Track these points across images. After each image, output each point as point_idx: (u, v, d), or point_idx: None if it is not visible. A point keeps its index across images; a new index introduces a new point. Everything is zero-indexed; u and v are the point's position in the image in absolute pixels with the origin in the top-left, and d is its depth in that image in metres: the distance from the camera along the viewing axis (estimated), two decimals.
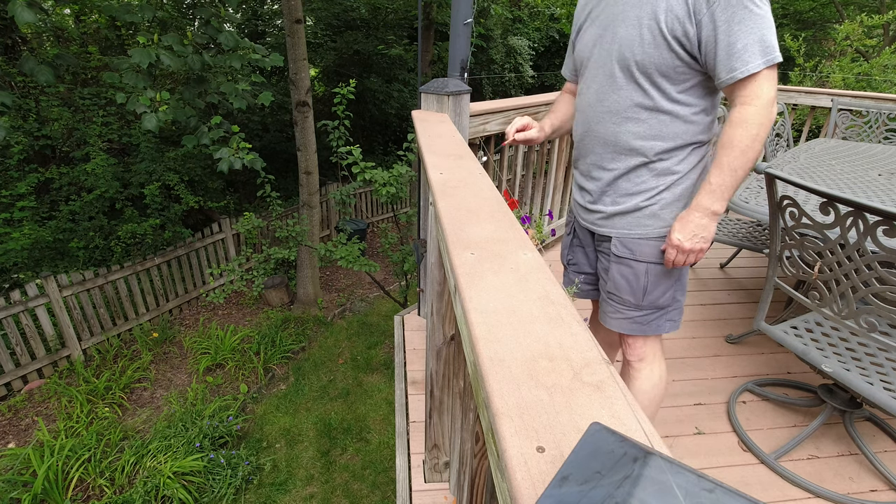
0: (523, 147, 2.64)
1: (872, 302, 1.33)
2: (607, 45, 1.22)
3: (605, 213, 1.33)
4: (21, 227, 5.55)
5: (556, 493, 0.32)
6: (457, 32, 2.05)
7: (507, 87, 11.85)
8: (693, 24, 1.07)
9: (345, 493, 4.05)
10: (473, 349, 0.54)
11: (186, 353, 5.56)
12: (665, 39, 1.11)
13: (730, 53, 1.05)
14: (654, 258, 1.29)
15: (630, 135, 1.23)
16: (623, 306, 1.36)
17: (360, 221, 8.03)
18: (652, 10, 1.11)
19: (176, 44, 3.85)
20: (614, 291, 1.36)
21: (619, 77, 1.20)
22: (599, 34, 1.24)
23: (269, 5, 10.19)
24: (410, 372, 2.25)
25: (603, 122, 1.26)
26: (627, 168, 1.26)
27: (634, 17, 1.14)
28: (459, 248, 0.77)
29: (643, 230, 1.29)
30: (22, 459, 3.84)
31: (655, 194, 1.26)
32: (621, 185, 1.28)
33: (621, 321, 1.38)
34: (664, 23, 1.10)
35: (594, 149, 1.31)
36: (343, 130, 4.69)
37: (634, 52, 1.16)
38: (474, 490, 0.93)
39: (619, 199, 1.30)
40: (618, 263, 1.33)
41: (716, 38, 1.06)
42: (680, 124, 1.19)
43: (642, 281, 1.31)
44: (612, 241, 1.33)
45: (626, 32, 1.16)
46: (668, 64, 1.13)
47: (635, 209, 1.28)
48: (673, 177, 1.24)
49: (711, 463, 1.71)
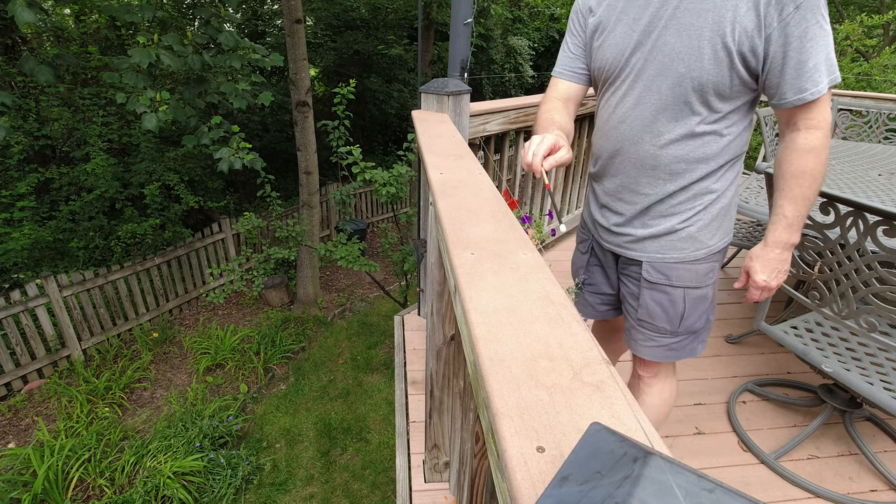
0: (523, 146, 2.63)
1: (872, 302, 1.33)
2: (653, 55, 1.06)
3: (636, 237, 1.22)
4: (21, 227, 5.55)
5: (556, 493, 0.32)
6: (457, 32, 2.05)
7: (507, 87, 11.85)
8: (762, 38, 0.96)
9: (345, 493, 4.05)
10: (473, 349, 0.54)
11: (186, 353, 5.56)
12: (729, 56, 0.98)
13: (800, 73, 0.96)
14: (691, 282, 1.20)
15: (673, 158, 1.11)
16: (657, 334, 1.26)
17: (360, 221, 8.03)
18: (716, 20, 0.97)
19: (176, 44, 3.85)
20: (647, 319, 1.26)
21: (665, 94, 1.07)
22: (639, 40, 1.08)
23: (269, 5, 10.19)
24: (410, 372, 2.25)
25: (641, 144, 1.13)
26: (666, 192, 1.15)
27: (691, 26, 1.00)
28: (459, 248, 0.77)
29: (679, 254, 1.19)
30: (22, 459, 3.84)
31: (693, 215, 1.16)
32: (655, 208, 1.18)
33: (655, 349, 1.28)
34: (731, 37, 0.97)
35: (627, 171, 1.18)
36: (343, 130, 4.69)
37: (691, 69, 1.02)
38: (474, 490, 0.93)
39: (651, 221, 1.19)
40: (651, 289, 1.23)
41: (785, 54, 0.96)
42: (723, 143, 1.10)
43: (679, 307, 1.22)
44: (643, 266, 1.23)
45: (680, 44, 1.02)
46: (726, 83, 1.02)
47: (670, 232, 1.18)
48: (711, 196, 1.14)
49: (711, 463, 1.71)
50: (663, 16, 1.03)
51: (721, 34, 0.97)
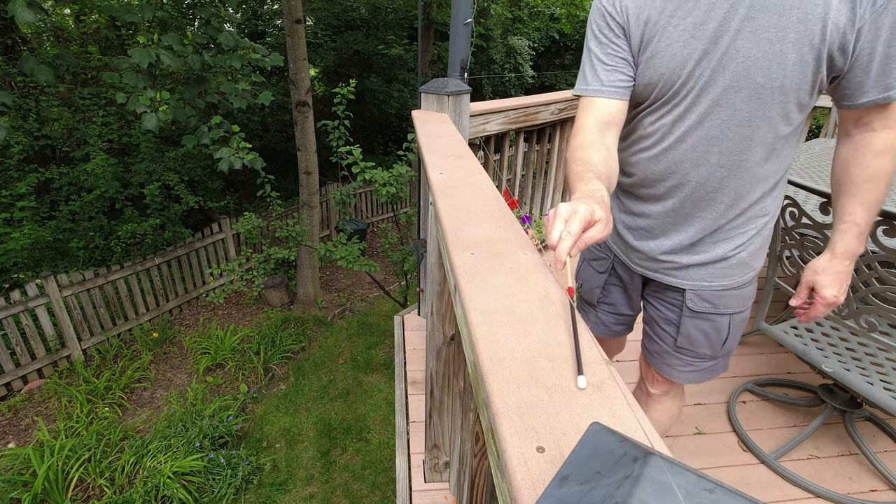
0: (523, 146, 2.64)
1: (872, 302, 1.33)
2: (721, 65, 0.91)
3: (680, 265, 1.11)
4: (21, 227, 5.55)
5: (556, 493, 0.32)
6: (457, 32, 2.05)
7: (507, 87, 11.85)
8: (854, 32, 0.84)
9: (345, 493, 4.05)
10: (473, 349, 0.54)
11: (186, 353, 5.56)
12: (817, 57, 0.86)
13: (888, 68, 0.86)
14: (738, 308, 1.12)
15: (740, 180, 0.98)
16: (696, 359, 1.19)
17: (360, 221, 8.03)
18: (802, 18, 0.85)
19: (176, 44, 3.85)
20: (688, 346, 1.18)
21: (740, 109, 0.93)
22: (705, 49, 0.91)
23: (269, 5, 10.19)
24: (410, 372, 2.25)
25: (704, 165, 0.99)
26: (723, 218, 1.03)
27: (772, 27, 0.86)
28: (459, 248, 0.77)
29: (728, 281, 1.09)
30: (22, 459, 3.84)
31: (747, 240, 1.05)
32: (708, 235, 1.06)
33: (692, 373, 1.22)
34: (820, 36, 0.85)
35: (681, 195, 1.05)
36: (343, 130, 4.69)
37: (773, 77, 0.88)
38: (474, 490, 0.93)
39: (700, 248, 1.08)
40: (694, 318, 1.14)
41: (873, 48, 0.84)
42: (783, 159, 0.99)
43: (724, 334, 1.14)
44: (686, 295, 1.13)
45: (758, 49, 0.88)
46: (808, 89, 0.90)
47: (721, 259, 1.07)
48: (765, 218, 1.05)
49: (711, 463, 1.71)
50: (738, 19, 0.88)
51: (809, 34, 0.85)
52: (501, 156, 2.86)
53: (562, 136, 2.88)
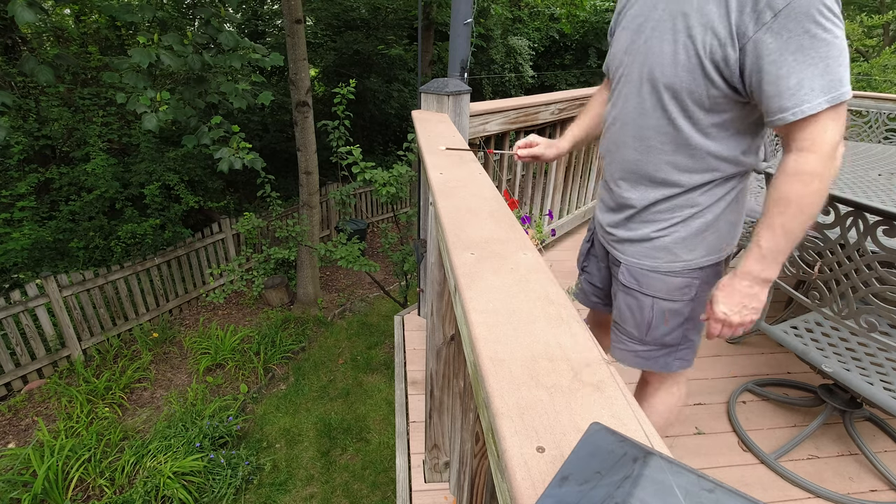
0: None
1: (872, 302, 1.33)
2: (637, 57, 1.03)
3: (618, 238, 1.22)
4: (21, 227, 5.54)
5: (556, 493, 0.32)
6: (457, 32, 2.05)
7: (507, 87, 11.85)
8: (735, 48, 0.87)
9: (345, 493, 4.05)
10: (473, 349, 0.54)
11: (186, 353, 5.56)
12: (701, 63, 0.92)
13: (779, 89, 0.85)
14: (661, 293, 1.16)
15: (651, 165, 1.08)
16: (626, 337, 1.26)
17: (360, 221, 8.03)
18: (688, 24, 0.91)
19: (176, 44, 3.85)
20: (619, 321, 1.27)
21: (646, 99, 1.03)
22: (631, 40, 1.04)
23: (269, 5, 10.19)
24: (410, 372, 2.25)
25: (625, 148, 1.12)
26: (645, 199, 1.12)
27: (670, 29, 0.95)
28: (459, 248, 0.77)
29: (652, 262, 1.15)
30: (22, 459, 3.84)
31: (669, 226, 1.11)
32: (638, 214, 1.16)
33: (624, 353, 1.27)
34: (701, 43, 0.91)
35: (614, 171, 1.18)
36: (343, 130, 4.69)
37: (665, 73, 0.97)
38: (474, 490, 0.93)
39: (632, 225, 1.17)
40: (624, 293, 1.22)
41: (761, 69, 0.86)
42: (711, 158, 1.02)
43: (647, 315, 1.19)
44: (621, 268, 1.22)
45: (659, 47, 0.97)
46: (703, 92, 0.95)
47: (646, 239, 1.15)
48: (692, 210, 1.08)
49: (711, 463, 1.71)
50: (654, 19, 0.99)
51: (692, 39, 0.92)
52: (501, 156, 2.86)
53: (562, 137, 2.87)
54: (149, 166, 6.63)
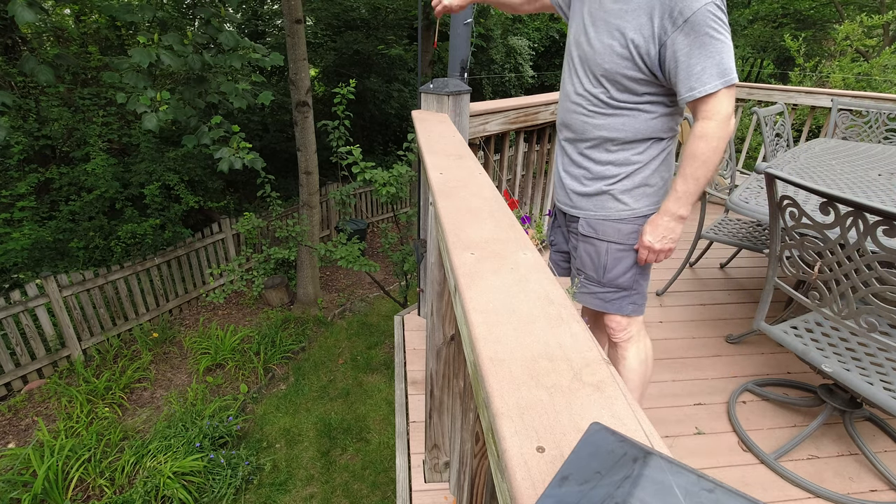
0: (523, 146, 2.64)
1: (872, 302, 1.33)
2: (585, 46, 1.32)
3: (576, 192, 1.47)
4: (21, 227, 5.54)
5: (556, 493, 0.32)
6: (457, 32, 2.05)
7: (507, 87, 11.85)
8: (656, 45, 1.18)
9: (345, 493, 4.05)
10: (473, 349, 0.54)
11: (186, 353, 5.56)
12: (631, 55, 1.22)
13: (689, 75, 1.16)
14: (613, 238, 1.42)
15: (597, 128, 1.35)
16: (588, 282, 1.50)
17: (360, 221, 8.03)
18: (624, 24, 1.21)
19: (176, 44, 3.85)
20: (580, 268, 1.51)
21: (590, 78, 1.32)
22: (582, 31, 1.33)
23: (269, 5, 10.19)
24: (410, 372, 2.25)
25: (574, 115, 1.40)
26: (593, 158, 1.40)
27: (610, 27, 1.24)
28: (459, 248, 0.77)
29: (605, 212, 1.42)
30: (22, 459, 3.84)
31: (617, 181, 1.38)
32: (589, 171, 1.42)
33: (586, 296, 1.51)
34: (631, 39, 1.20)
35: (568, 136, 1.45)
36: (343, 130, 4.69)
37: (605, 60, 1.26)
38: (474, 490, 0.93)
39: (586, 182, 1.43)
40: (584, 242, 1.47)
41: (676, 60, 1.16)
42: (642, 123, 1.31)
43: (603, 259, 1.44)
44: (579, 222, 1.47)
45: (600, 41, 1.27)
46: (632, 76, 1.25)
47: (599, 193, 1.41)
48: (632, 167, 1.36)
49: (711, 463, 1.71)
50: (600, 19, 1.28)
51: (625, 36, 1.21)
52: (501, 156, 2.86)
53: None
54: (149, 166, 6.63)
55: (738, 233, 2.59)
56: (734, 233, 2.59)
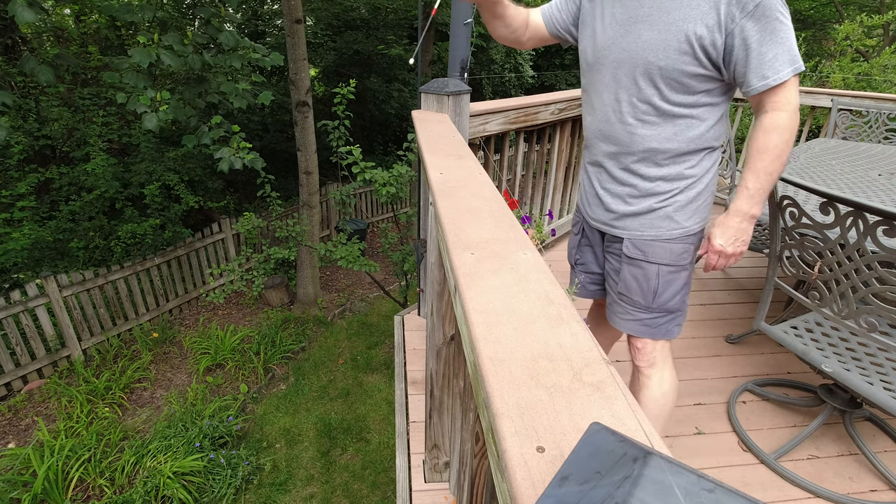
0: (523, 146, 2.64)
1: (872, 302, 1.33)
2: (630, 47, 1.19)
3: (617, 214, 1.33)
4: (21, 227, 5.55)
5: (556, 493, 0.32)
6: (457, 32, 2.05)
7: (507, 87, 11.84)
8: (722, 34, 1.08)
9: (345, 493, 4.05)
10: (473, 349, 0.54)
11: (186, 353, 5.56)
12: (692, 47, 1.11)
13: (761, 63, 1.08)
14: (665, 260, 1.30)
15: (646, 139, 1.23)
16: (633, 308, 1.36)
17: (360, 221, 8.02)
18: (682, 16, 1.11)
19: (176, 44, 3.85)
20: (625, 293, 1.36)
21: (640, 81, 1.19)
22: (619, 33, 1.21)
23: (269, 5, 10.19)
24: (410, 372, 2.25)
25: (619, 125, 1.26)
26: (640, 173, 1.26)
27: (663, 22, 1.13)
28: (459, 248, 0.77)
29: (656, 231, 1.29)
30: (22, 459, 3.84)
31: (669, 197, 1.26)
32: (636, 188, 1.28)
33: (630, 322, 1.38)
34: (693, 32, 1.10)
35: (608, 150, 1.30)
36: (343, 130, 4.69)
37: (659, 58, 1.15)
38: (474, 490, 0.93)
39: (632, 200, 1.30)
40: (629, 265, 1.33)
41: (747, 48, 1.08)
42: (695, 130, 1.20)
43: (653, 283, 1.31)
44: (623, 243, 1.33)
45: (651, 36, 1.15)
46: (691, 72, 1.14)
47: (649, 211, 1.28)
48: (687, 181, 1.25)
49: (711, 463, 1.71)
50: (642, 15, 1.16)
51: (685, 29, 1.10)
52: (501, 156, 2.86)
53: (562, 137, 2.88)
54: (149, 166, 6.63)
55: None
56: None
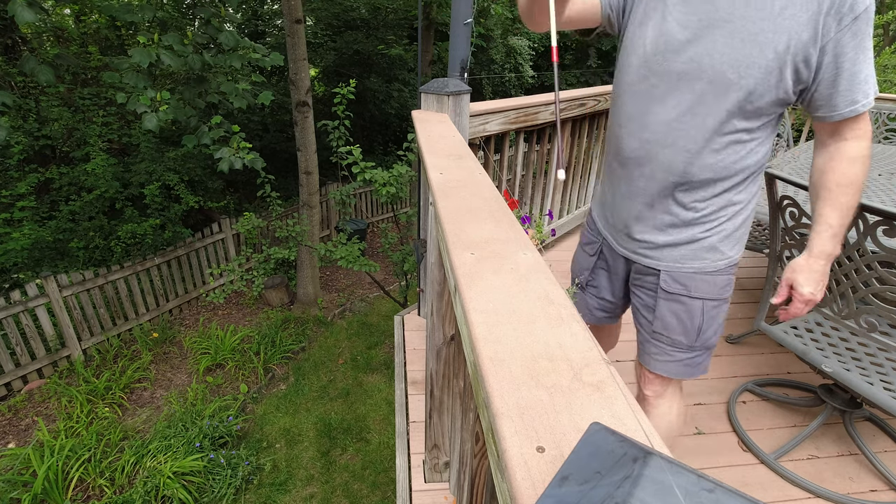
0: (523, 146, 2.64)
1: (872, 302, 1.33)
2: (701, 58, 0.98)
3: (655, 244, 1.17)
4: (21, 227, 5.55)
5: (556, 493, 0.32)
6: (457, 32, 2.05)
7: (507, 87, 11.84)
8: (816, 49, 0.92)
9: (345, 493, 4.05)
10: (473, 349, 0.54)
11: (186, 353, 5.56)
12: (780, 65, 0.94)
13: (853, 84, 0.94)
14: (709, 294, 1.16)
15: (705, 169, 1.06)
16: (673, 348, 1.21)
17: (360, 221, 8.02)
18: (771, 27, 0.92)
19: (176, 44, 3.85)
20: (662, 331, 1.21)
21: (709, 100, 1.00)
22: (688, 39, 0.99)
23: (269, 5, 10.19)
24: (410, 372, 2.25)
25: (673, 148, 1.06)
26: (691, 199, 1.10)
27: (746, 31, 0.94)
28: (459, 248, 0.77)
29: (700, 263, 1.14)
30: (22, 459, 3.84)
31: (717, 225, 1.12)
32: (677, 217, 1.13)
33: (669, 364, 1.23)
34: (786, 46, 0.92)
35: (653, 174, 1.11)
36: (343, 130, 4.69)
37: (740, 75, 0.96)
38: (474, 490, 0.93)
39: (672, 230, 1.14)
40: (668, 300, 1.18)
41: (838, 66, 0.93)
42: (752, 156, 1.07)
43: (697, 320, 1.17)
44: (660, 277, 1.18)
45: (731, 49, 0.95)
46: (772, 94, 0.97)
47: (691, 241, 1.13)
48: (735, 207, 1.11)
49: (711, 463, 1.71)
50: (719, 20, 0.96)
51: (774, 42, 0.92)
52: (501, 156, 2.86)
53: (562, 136, 2.88)
54: (149, 166, 6.63)
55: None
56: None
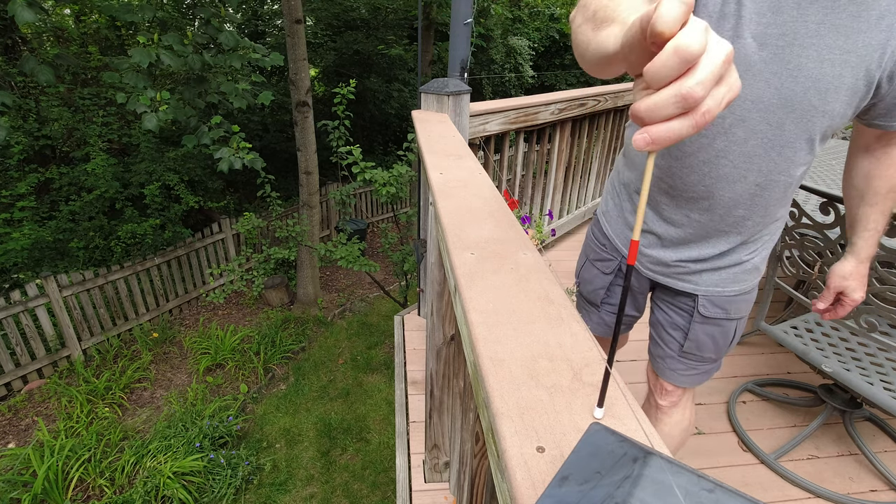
0: (523, 146, 2.64)
1: (872, 302, 1.33)
2: (783, 83, 0.82)
3: (691, 270, 1.09)
4: (21, 227, 5.55)
5: (556, 493, 0.32)
6: (457, 32, 2.05)
7: (507, 87, 11.84)
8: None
9: (345, 493, 4.05)
10: (473, 349, 0.54)
11: (186, 353, 5.56)
12: (869, 84, 0.82)
13: None
14: (745, 313, 1.14)
15: (770, 204, 0.97)
16: (701, 363, 1.19)
17: (360, 221, 8.02)
18: (867, 42, 0.78)
19: (176, 44, 3.85)
20: (695, 351, 1.17)
21: (789, 129, 0.86)
22: (764, 59, 0.82)
23: (269, 5, 10.19)
24: (410, 372, 2.25)
25: (742, 183, 0.93)
26: (746, 231, 1.02)
27: (839, 49, 0.79)
28: (459, 248, 0.77)
29: (740, 286, 1.08)
30: (22, 459, 3.84)
31: (762, 246, 1.06)
32: (728, 244, 1.04)
33: (694, 377, 1.21)
34: (878, 63, 0.80)
35: (712, 208, 0.98)
36: (343, 130, 4.69)
37: (827, 101, 0.83)
38: (474, 490, 0.93)
39: (714, 259, 1.07)
40: (705, 324, 1.13)
41: None
42: (806, 175, 1.00)
43: (730, 338, 1.16)
44: (698, 301, 1.11)
45: (820, 71, 0.80)
46: (850, 114, 0.87)
47: (735, 264, 1.06)
48: (778, 223, 1.06)
49: (711, 463, 1.71)
50: (805, 34, 0.79)
51: (866, 58, 0.79)
52: (501, 156, 2.86)
53: (562, 137, 2.88)
54: (149, 166, 6.63)
55: None
56: None
